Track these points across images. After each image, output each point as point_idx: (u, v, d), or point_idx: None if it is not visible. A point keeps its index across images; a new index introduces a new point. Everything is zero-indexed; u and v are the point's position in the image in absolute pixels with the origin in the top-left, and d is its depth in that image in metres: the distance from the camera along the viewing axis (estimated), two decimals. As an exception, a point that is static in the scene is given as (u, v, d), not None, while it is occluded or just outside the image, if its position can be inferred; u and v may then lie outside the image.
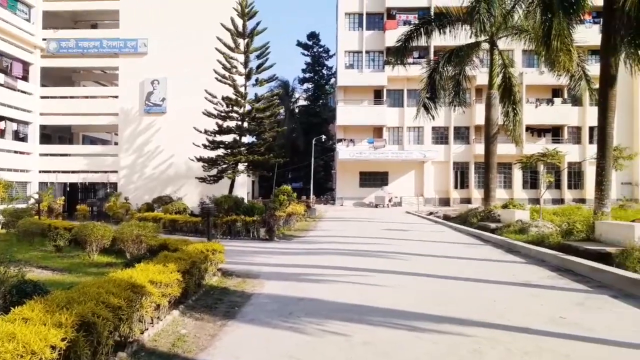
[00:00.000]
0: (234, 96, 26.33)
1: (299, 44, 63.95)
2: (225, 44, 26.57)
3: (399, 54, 21.81)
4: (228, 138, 27.18)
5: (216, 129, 26.92)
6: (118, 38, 33.14)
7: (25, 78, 32.27)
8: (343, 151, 41.40)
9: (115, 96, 34.11)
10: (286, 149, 45.76)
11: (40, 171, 32.90)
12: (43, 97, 33.28)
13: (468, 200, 39.93)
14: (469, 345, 4.80)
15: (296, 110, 63.03)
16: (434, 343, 4.91)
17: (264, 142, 27.68)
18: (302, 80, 64.71)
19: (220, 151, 27.11)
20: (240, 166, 27.56)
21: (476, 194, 39.59)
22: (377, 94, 43.11)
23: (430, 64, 22.71)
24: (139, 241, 10.16)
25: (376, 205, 39.48)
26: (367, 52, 42.98)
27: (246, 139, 29.07)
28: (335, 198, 44.54)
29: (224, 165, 26.95)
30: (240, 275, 8.66)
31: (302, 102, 65.14)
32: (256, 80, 27.96)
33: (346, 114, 42.23)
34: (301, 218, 22.91)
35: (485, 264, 10.30)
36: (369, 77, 42.56)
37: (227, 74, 26.49)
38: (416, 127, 41.29)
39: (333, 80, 59.30)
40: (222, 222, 16.32)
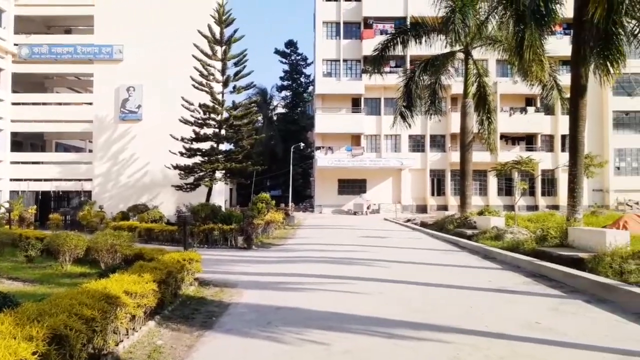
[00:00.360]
0: (211, 103, 26.18)
1: (277, 52, 64.03)
2: (202, 51, 26.44)
3: (376, 63, 22.05)
4: (205, 145, 26.98)
5: (193, 136, 26.70)
6: (93, 44, 32.66)
7: (-5, 84, 31.51)
8: (322, 159, 41.48)
9: (90, 103, 33.55)
10: (264, 157, 45.67)
11: (11, 179, 32.07)
12: (14, 104, 32.52)
13: (445, 207, 40.39)
14: (449, 352, 4.83)
15: (274, 117, 62.93)
16: (413, 351, 4.93)
17: (241, 150, 27.55)
18: (280, 88, 64.72)
19: (197, 159, 26.88)
20: (218, 174, 27.36)
21: (452, 201, 40.08)
22: (355, 102, 43.41)
23: (407, 73, 22.99)
24: (113, 251, 9.96)
25: (355, 213, 39.60)
26: (345, 61, 43.29)
27: (224, 147, 28.91)
28: (314, 205, 44.52)
29: (201, 173, 26.72)
30: (217, 285, 8.56)
31: (281, 110, 65.10)
32: (234, 87, 27.85)
33: (324, 121, 42.40)
34: (280, 226, 22.81)
35: (462, 270, 10.41)
36: (347, 86, 42.84)
37: (204, 81, 26.35)
38: (393, 135, 41.68)
39: (311, 88, 59.53)
40: (199, 231, 16.14)
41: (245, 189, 47.38)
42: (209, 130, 26.88)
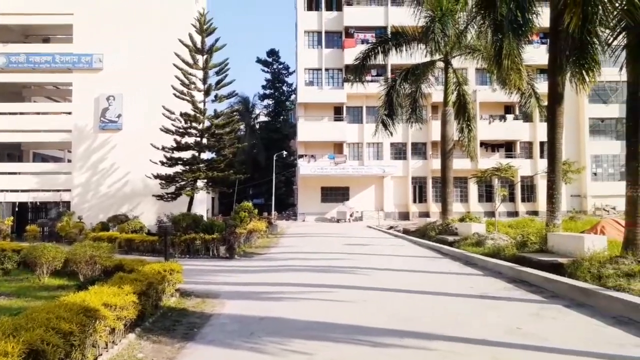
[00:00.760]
0: (192, 112, 26.02)
1: (259, 61, 64.14)
2: (183, 60, 26.32)
3: (357, 72, 22.23)
4: (187, 154, 26.77)
5: (174, 145, 26.47)
6: (72, 53, 32.23)
7: (-30, 93, 30.87)
8: (304, 167, 41.50)
9: (69, 112, 33.06)
10: (247, 165, 45.45)
11: (-14, 190, 31.35)
12: (-10, 114, 31.88)
13: (426, 214, 40.69)
14: None
15: (257, 126, 62.84)
16: (397, 359, 4.93)
17: (223, 158, 27.40)
18: (263, 97, 64.74)
19: (179, 168, 26.64)
20: (200, 183, 27.14)
21: (434, 208, 40.39)
22: (337, 111, 43.63)
23: (388, 81, 23.20)
24: (93, 262, 9.78)
25: (338, 220, 39.63)
26: (327, 70, 43.52)
27: (205, 155, 28.73)
28: (297, 214, 44.46)
29: (183, 182, 26.48)
30: (199, 295, 8.46)
31: (263, 118, 65.07)
32: (215, 96, 27.74)
33: (307, 130, 42.49)
34: (262, 235, 22.70)
35: (444, 276, 10.48)
36: (329, 94, 43.05)
37: (186, 90, 26.20)
38: (375, 143, 41.93)
39: (293, 96, 59.67)
40: (181, 241, 15.95)
41: (227, 198, 47.08)
42: (190, 139, 26.69)
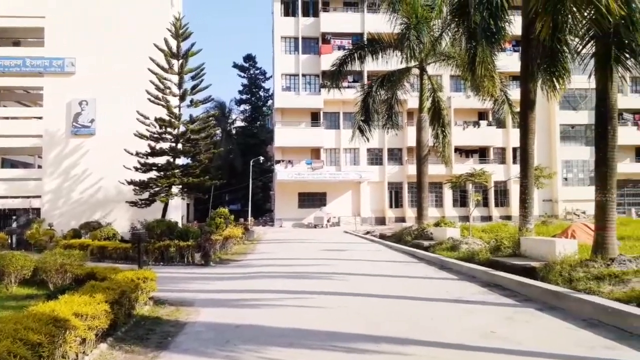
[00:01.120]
0: (167, 117, 25.73)
1: (236, 66, 63.86)
2: (158, 65, 26.02)
3: (334, 78, 22.35)
4: (161, 160, 26.42)
5: (148, 151, 26.10)
6: (43, 57, 31.56)
7: None
8: (281, 172, 41.41)
9: (40, 117, 32.33)
10: (223, 171, 45.14)
11: (-49, 197, 30.34)
12: (-43, 118, 30.93)
13: (402, 219, 40.97)
14: (407, 365, 4.86)
15: (233, 131, 62.48)
16: (372, 364, 4.92)
17: (199, 164, 27.14)
18: (239, 102, 64.44)
19: (153, 174, 26.27)
20: (174, 189, 26.81)
21: (410, 213, 40.73)
22: (314, 116, 43.72)
23: (364, 88, 23.39)
24: (63, 271, 9.52)
25: (315, 226, 39.62)
26: (304, 75, 43.62)
27: (180, 161, 28.39)
28: (274, 219, 44.28)
29: (157, 188, 26.11)
30: (173, 304, 8.32)
31: (240, 124, 64.75)
32: (191, 101, 27.49)
33: (284, 135, 42.45)
34: (239, 241, 22.49)
35: (420, 281, 10.55)
36: (306, 100, 43.14)
37: (161, 94, 25.91)
38: (352, 149, 42.14)
39: (270, 102, 59.57)
40: (155, 248, 15.68)
41: (203, 204, 46.61)
42: (165, 145, 26.36)
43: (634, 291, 6.86)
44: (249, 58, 63.74)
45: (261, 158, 50.57)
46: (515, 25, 12.95)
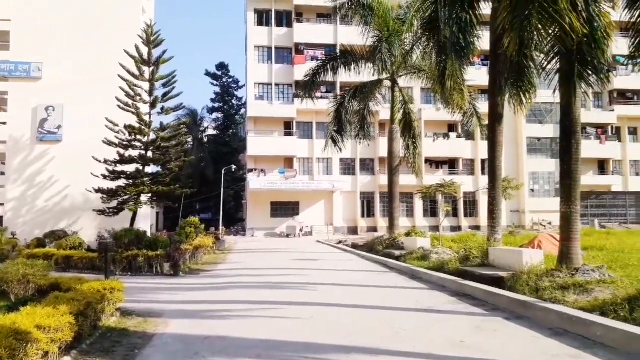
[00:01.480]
0: (137, 124, 25.32)
1: (208, 74, 63.46)
2: (129, 71, 25.64)
3: (307, 88, 22.44)
4: (130, 168, 25.94)
5: (117, 158, 25.60)
6: (8, 61, 30.70)
7: None
8: (254, 181, 41.18)
9: (4, 122, 31.33)
10: (194, 179, 44.60)
11: None
12: None
13: (374, 229, 41.26)
14: (377, 375, 4.86)
15: (205, 139, 61.92)
16: (343, 375, 4.91)
17: (169, 172, 26.74)
18: (212, 110, 63.98)
19: (122, 182, 25.75)
20: (144, 197, 26.33)
21: (382, 223, 41.02)
22: (288, 126, 43.73)
23: (337, 98, 23.57)
24: (26, 281, 9.19)
25: (287, 235, 39.47)
26: (277, 85, 43.66)
27: (150, 169, 27.94)
28: (246, 229, 43.91)
29: (126, 197, 25.59)
30: (141, 315, 8.13)
31: (212, 132, 64.22)
32: (162, 108, 27.14)
33: (257, 144, 42.27)
34: (209, 251, 22.18)
35: (390, 291, 10.61)
36: (279, 109, 43.14)
37: (131, 101, 25.51)
38: (325, 159, 42.26)
39: (243, 110, 59.33)
40: (122, 258, 15.33)
41: (173, 213, 45.85)
42: (134, 152, 25.90)
43: (597, 300, 7.06)
44: (222, 66, 63.48)
45: (233, 167, 50.17)
46: (484, 40, 13.28)
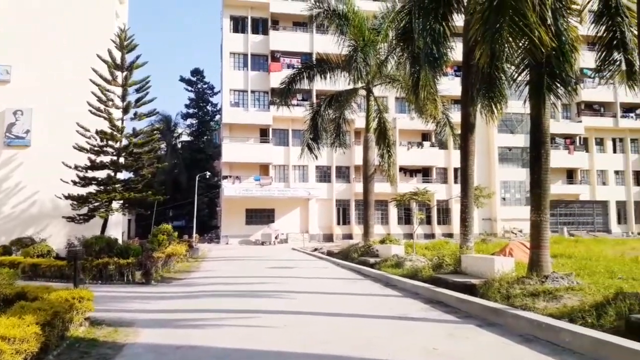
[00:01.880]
0: (109, 130, 24.85)
1: (183, 80, 62.88)
2: (101, 76, 25.20)
3: (283, 96, 22.50)
4: (102, 174, 25.41)
5: (88, 164, 25.06)
6: (-26, 63, 29.79)
7: None
8: (229, 188, 40.85)
9: (-32, 126, 30.34)
10: (167, 186, 44.00)
11: None
12: None
13: (350, 236, 41.39)
14: (351, 383, 4.86)
15: (179, 145, 61.20)
16: (317, 383, 4.89)
17: (141, 179, 26.30)
18: (186, 116, 63.36)
19: (93, 188, 25.19)
20: (115, 204, 25.80)
21: (357, 230, 41.19)
22: (263, 133, 43.63)
23: (313, 106, 23.69)
24: (-11, 291, 8.88)
25: (262, 243, 39.24)
26: (253, 92, 43.57)
27: (122, 175, 27.44)
28: (220, 236, 43.48)
29: (96, 203, 25.04)
30: (111, 324, 7.94)
31: (186, 138, 63.51)
32: (135, 114, 26.74)
33: (232, 151, 42.00)
34: (182, 259, 21.85)
35: (365, 298, 10.64)
36: (255, 116, 43.03)
37: (103, 106, 25.04)
38: (301, 166, 42.28)
39: (218, 117, 58.93)
40: (92, 266, 14.95)
41: (145, 220, 45.06)
42: (106, 158, 25.39)
43: (565, 307, 7.23)
44: (197, 72, 63.02)
45: (207, 173, 49.67)
46: (456, 51, 13.55)
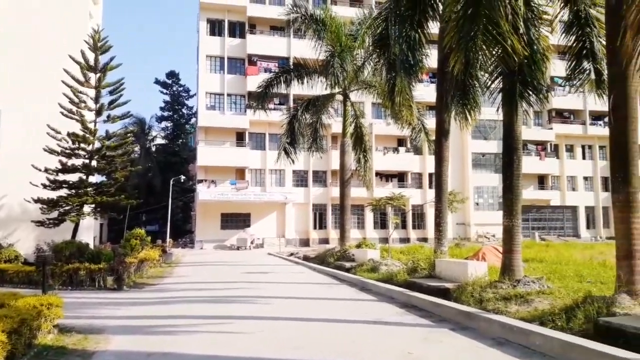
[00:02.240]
0: (81, 132, 24.32)
1: (158, 82, 62.09)
2: (73, 77, 24.66)
3: (260, 100, 22.45)
4: (73, 177, 24.82)
5: (59, 167, 24.46)
6: (-61, 61, 28.78)
7: None
8: (204, 192, 40.42)
9: None
10: (141, 190, 43.25)
11: None
12: None
13: (326, 240, 41.40)
14: (326, 389, 4.85)
15: (153, 148, 60.30)
16: (291, 390, 4.86)
17: (114, 182, 25.80)
18: (161, 119, 62.51)
19: (63, 192, 24.58)
20: (87, 208, 25.22)
21: (333, 235, 41.24)
22: (240, 136, 43.34)
23: (290, 111, 23.70)
24: (-48, 298, 8.57)
25: (238, 248, 38.90)
26: (229, 95, 43.27)
27: (94, 179, 26.86)
28: (194, 241, 42.93)
29: (67, 207, 24.43)
30: (81, 331, 7.75)
31: (160, 141, 62.62)
32: (108, 116, 26.23)
33: (207, 154, 41.58)
34: (155, 264, 21.52)
35: (341, 303, 10.66)
36: (231, 119, 42.72)
37: (75, 108, 24.50)
38: (278, 170, 42.15)
39: (194, 120, 58.35)
40: (62, 271, 14.57)
41: (118, 225, 44.19)
42: (78, 161, 24.82)
43: (537, 310, 7.37)
44: (172, 75, 62.30)
45: (182, 177, 48.99)
46: (432, 58, 13.75)
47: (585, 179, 50.93)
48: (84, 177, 25.00)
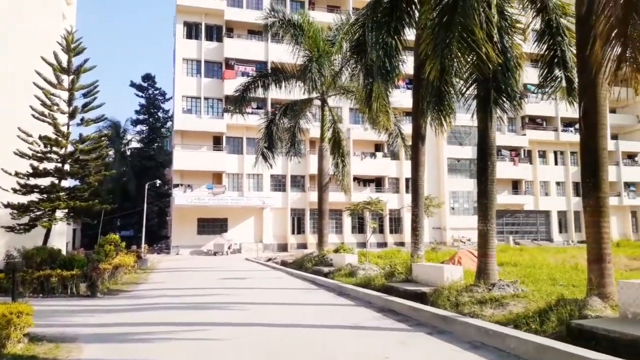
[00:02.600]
0: (54, 135, 23.77)
1: (133, 85, 61.22)
2: (45, 79, 24.11)
3: (237, 104, 22.36)
4: (45, 181, 24.23)
5: (30, 171, 23.85)
6: None
7: None
8: (180, 197, 39.91)
9: None
10: (115, 194, 42.55)
11: None
12: None
13: (304, 245, 41.31)
14: (303, 395, 4.83)
15: (128, 152, 59.33)
16: (269, 396, 4.83)
17: (88, 187, 25.26)
18: (136, 122, 61.57)
19: (35, 196, 23.97)
20: (59, 213, 24.64)
21: (312, 239, 41.17)
22: (217, 140, 42.99)
23: (268, 115, 23.67)
24: None
25: (215, 253, 38.49)
26: (206, 99, 42.93)
27: (67, 183, 26.26)
28: (170, 247, 42.33)
29: (39, 212, 23.82)
30: (53, 340, 7.55)
31: (135, 145, 61.63)
32: (82, 119, 25.68)
33: (184, 158, 41.10)
34: (130, 270, 21.14)
35: (318, 308, 10.64)
36: (208, 123, 42.37)
37: (47, 111, 23.92)
38: (256, 174, 41.92)
39: (170, 123, 57.65)
40: (33, 278, 14.18)
41: (92, 230, 43.28)
42: (50, 165, 24.23)
43: (511, 314, 7.50)
44: (148, 77, 61.51)
45: (158, 182, 48.29)
46: (408, 65, 13.90)
47: (558, 184, 52.09)
48: (57, 182, 24.41)
